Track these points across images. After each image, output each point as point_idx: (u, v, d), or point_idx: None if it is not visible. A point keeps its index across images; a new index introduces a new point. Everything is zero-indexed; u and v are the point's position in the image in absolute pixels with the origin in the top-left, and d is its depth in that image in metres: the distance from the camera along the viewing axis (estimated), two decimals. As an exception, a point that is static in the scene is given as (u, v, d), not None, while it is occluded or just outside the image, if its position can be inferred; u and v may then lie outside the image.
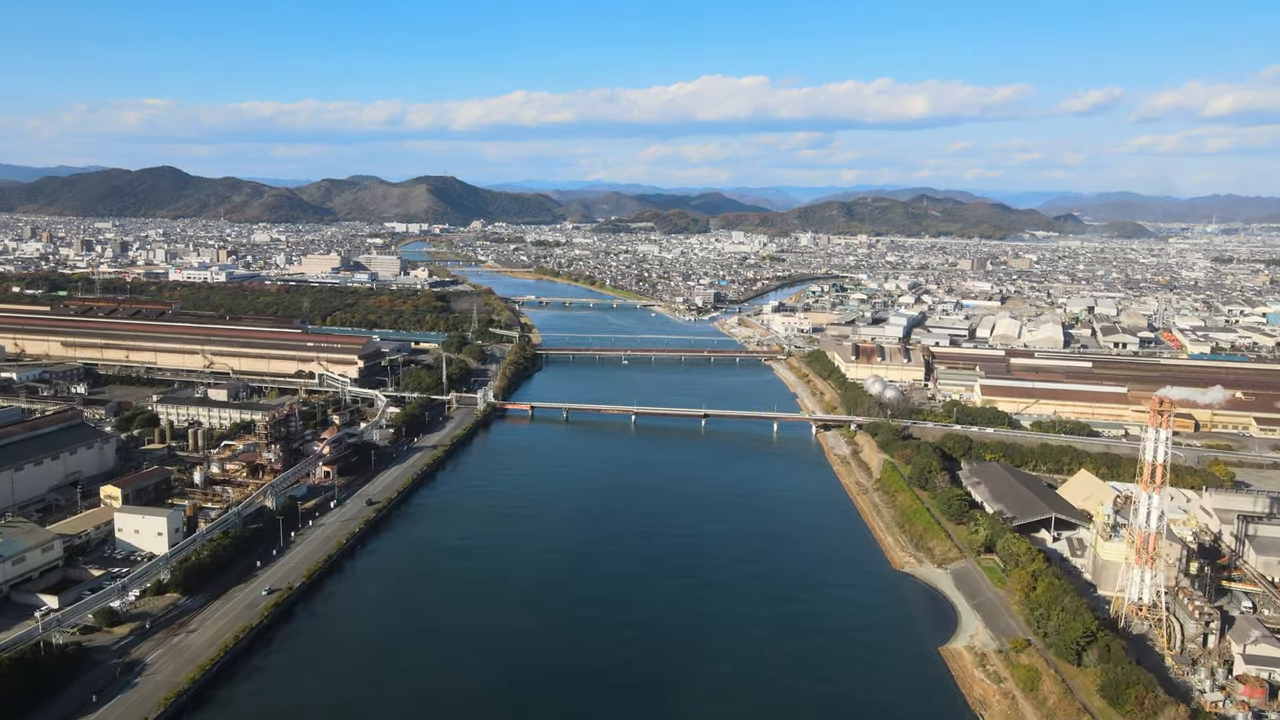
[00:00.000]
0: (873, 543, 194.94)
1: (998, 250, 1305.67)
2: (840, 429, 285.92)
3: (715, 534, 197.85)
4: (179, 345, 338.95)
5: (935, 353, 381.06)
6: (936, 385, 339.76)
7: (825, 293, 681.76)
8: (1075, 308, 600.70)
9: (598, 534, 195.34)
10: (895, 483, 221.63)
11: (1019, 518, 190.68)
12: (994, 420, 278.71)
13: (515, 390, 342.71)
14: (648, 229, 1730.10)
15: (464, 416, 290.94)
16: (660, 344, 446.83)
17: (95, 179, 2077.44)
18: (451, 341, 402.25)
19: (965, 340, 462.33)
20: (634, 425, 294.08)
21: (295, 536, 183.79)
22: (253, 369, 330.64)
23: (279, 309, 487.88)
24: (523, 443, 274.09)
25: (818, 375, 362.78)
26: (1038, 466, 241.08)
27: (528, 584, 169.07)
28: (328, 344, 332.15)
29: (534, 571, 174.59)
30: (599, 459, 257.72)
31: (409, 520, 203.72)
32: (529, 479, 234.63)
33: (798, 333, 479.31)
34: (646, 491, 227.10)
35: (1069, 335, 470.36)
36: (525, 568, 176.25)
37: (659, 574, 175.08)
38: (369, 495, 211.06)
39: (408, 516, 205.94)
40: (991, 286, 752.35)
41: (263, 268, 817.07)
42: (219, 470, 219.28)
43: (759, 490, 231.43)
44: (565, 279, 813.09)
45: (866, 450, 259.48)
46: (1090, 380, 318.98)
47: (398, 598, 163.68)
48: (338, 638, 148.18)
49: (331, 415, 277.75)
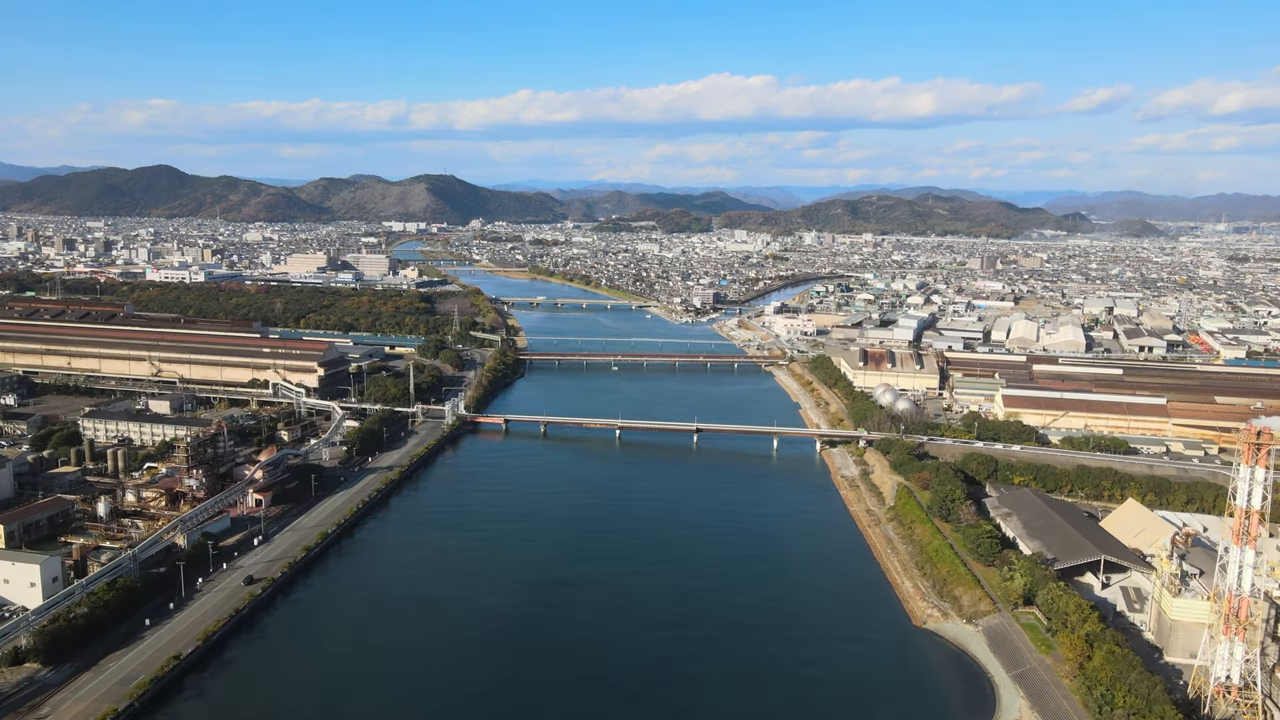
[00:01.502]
0: (887, 588, 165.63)
1: (1006, 249, 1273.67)
2: (848, 445, 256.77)
3: (704, 578, 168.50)
4: (124, 351, 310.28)
5: (950, 358, 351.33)
6: (953, 394, 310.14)
7: (830, 293, 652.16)
8: (1093, 308, 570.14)
9: (565, 580, 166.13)
10: (912, 512, 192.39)
11: (1061, 560, 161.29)
12: (1019, 436, 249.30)
13: (492, 400, 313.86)
14: (649, 228, 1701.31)
15: (429, 431, 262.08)
16: (654, 348, 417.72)
17: (91, 178, 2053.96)
18: (428, 346, 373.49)
19: (980, 344, 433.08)
20: (619, 441, 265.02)
21: (203, 584, 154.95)
22: (204, 377, 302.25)
23: (250, 310, 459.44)
24: (492, 462, 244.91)
25: (822, 383, 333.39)
26: (1074, 491, 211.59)
27: (475, 647, 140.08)
28: (285, 350, 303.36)
29: (484, 631, 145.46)
30: (576, 482, 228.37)
31: (346, 560, 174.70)
32: (493, 508, 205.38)
33: (801, 335, 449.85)
34: (627, 525, 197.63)
35: (1090, 338, 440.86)
36: (474, 626, 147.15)
37: (636, 633, 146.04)
38: (305, 528, 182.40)
39: (345, 555, 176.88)
40: (1003, 286, 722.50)
41: (248, 267, 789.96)
42: (134, 499, 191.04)
43: (755, 521, 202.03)
44: (559, 279, 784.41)
45: (878, 471, 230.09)
46: (1122, 389, 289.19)
47: (315, 665, 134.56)
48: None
49: (280, 430, 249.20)
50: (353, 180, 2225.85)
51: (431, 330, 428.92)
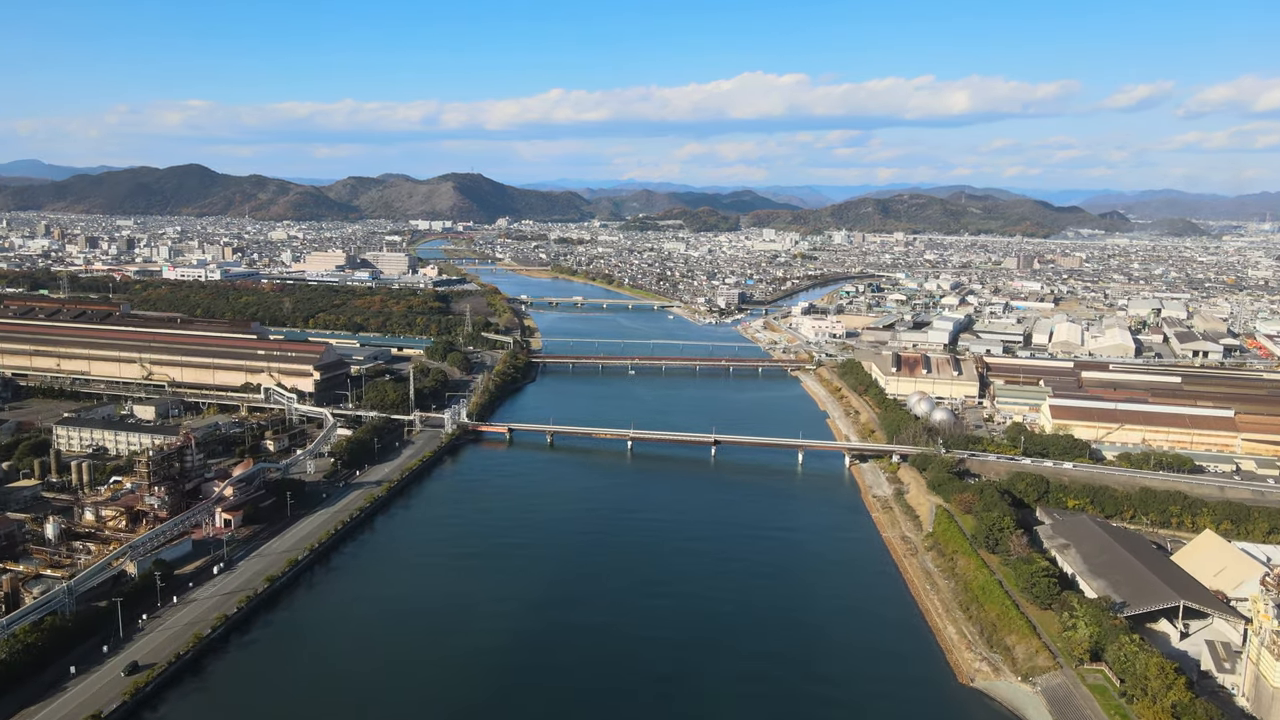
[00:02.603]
0: (927, 634, 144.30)
1: (1043, 248, 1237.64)
2: (880, 460, 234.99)
3: (714, 616, 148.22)
4: (114, 353, 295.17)
5: (990, 363, 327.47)
6: (994, 404, 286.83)
7: (860, 293, 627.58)
8: (1139, 310, 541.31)
9: (557, 624, 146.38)
10: (954, 541, 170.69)
11: (1132, 604, 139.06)
12: (1070, 451, 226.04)
13: (499, 406, 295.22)
14: (676, 227, 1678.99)
15: (427, 441, 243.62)
16: (674, 351, 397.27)
17: (123, 177, 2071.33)
18: (436, 348, 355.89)
19: (1020, 347, 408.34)
20: (630, 452, 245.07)
21: (147, 621, 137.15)
22: (197, 380, 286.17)
23: (259, 310, 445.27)
24: (491, 477, 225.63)
25: (852, 389, 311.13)
26: (1137, 518, 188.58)
27: (446, 706, 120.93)
28: (280, 352, 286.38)
29: (460, 688, 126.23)
30: (581, 499, 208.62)
31: (315, 592, 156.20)
32: (486, 532, 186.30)
33: (829, 338, 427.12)
34: (633, 551, 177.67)
35: (1138, 342, 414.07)
36: (448, 680, 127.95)
37: (633, 687, 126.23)
38: (274, 553, 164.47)
39: (315, 586, 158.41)
40: (1041, 286, 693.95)
41: (267, 265, 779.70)
42: (93, 518, 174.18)
43: (776, 547, 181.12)
44: (582, 278, 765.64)
45: (913, 490, 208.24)
46: (1182, 399, 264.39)
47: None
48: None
49: (266, 440, 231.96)
50: (381, 179, 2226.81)
51: (444, 331, 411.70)
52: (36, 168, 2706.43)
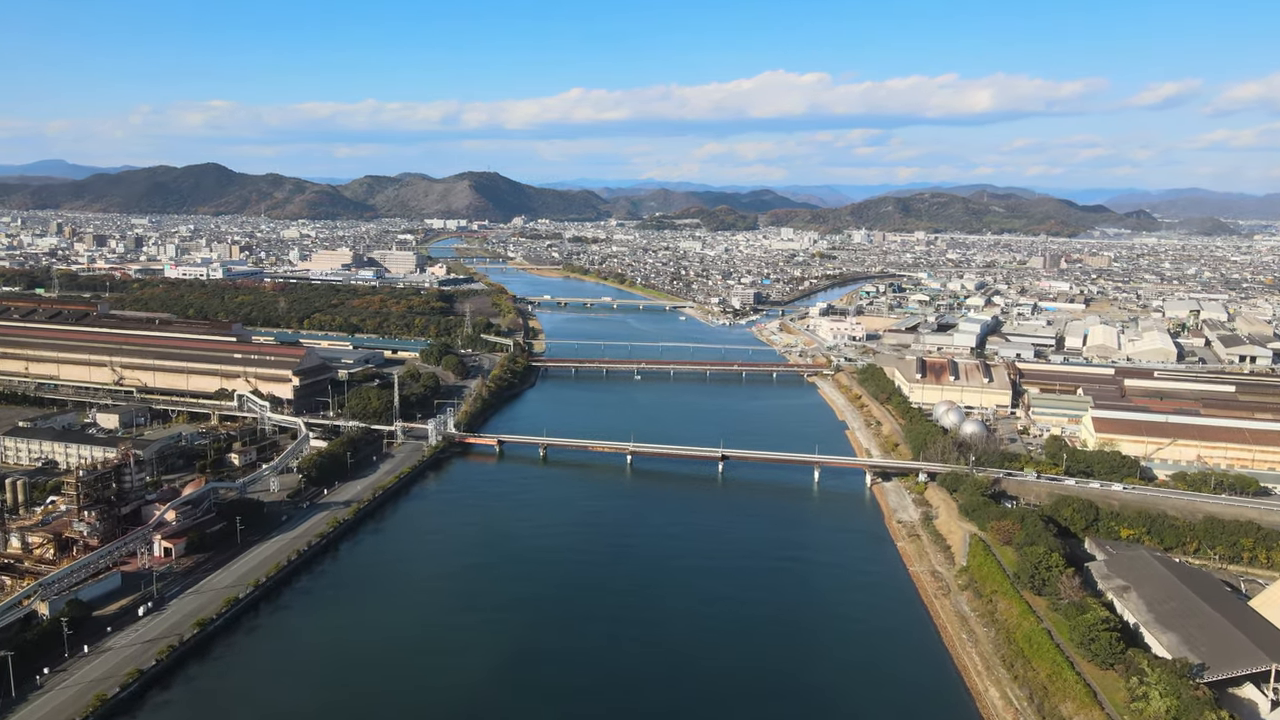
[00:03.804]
0: (964, 695, 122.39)
1: (1068, 247, 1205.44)
2: (905, 478, 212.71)
3: (714, 680, 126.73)
4: (84, 356, 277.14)
5: (1023, 369, 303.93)
6: (1029, 414, 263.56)
7: (881, 293, 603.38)
8: (1176, 311, 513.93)
9: (529, 686, 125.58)
10: (992, 578, 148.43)
11: (1212, 666, 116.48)
12: (1118, 469, 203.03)
13: (493, 415, 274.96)
14: (693, 226, 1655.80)
15: (408, 454, 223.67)
16: (683, 354, 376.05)
17: (140, 176, 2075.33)
18: (431, 351, 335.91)
19: (1052, 351, 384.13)
20: (630, 468, 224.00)
21: (47, 677, 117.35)
22: (170, 386, 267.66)
23: (253, 310, 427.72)
24: (476, 494, 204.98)
25: (873, 397, 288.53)
26: (1202, 550, 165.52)
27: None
28: (258, 356, 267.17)
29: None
30: (572, 525, 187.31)
31: (256, 636, 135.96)
32: (463, 559, 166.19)
33: (849, 341, 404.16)
34: (623, 589, 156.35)
35: (1179, 346, 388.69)
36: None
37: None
38: (215, 588, 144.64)
39: (257, 629, 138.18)
40: (1070, 286, 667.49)
41: (274, 264, 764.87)
42: (19, 545, 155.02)
43: (788, 585, 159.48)
44: (594, 277, 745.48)
45: (944, 515, 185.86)
46: (1238, 411, 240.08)
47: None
48: None
49: (232, 453, 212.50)
50: (398, 179, 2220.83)
51: (443, 332, 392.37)
52: (60, 167, 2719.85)
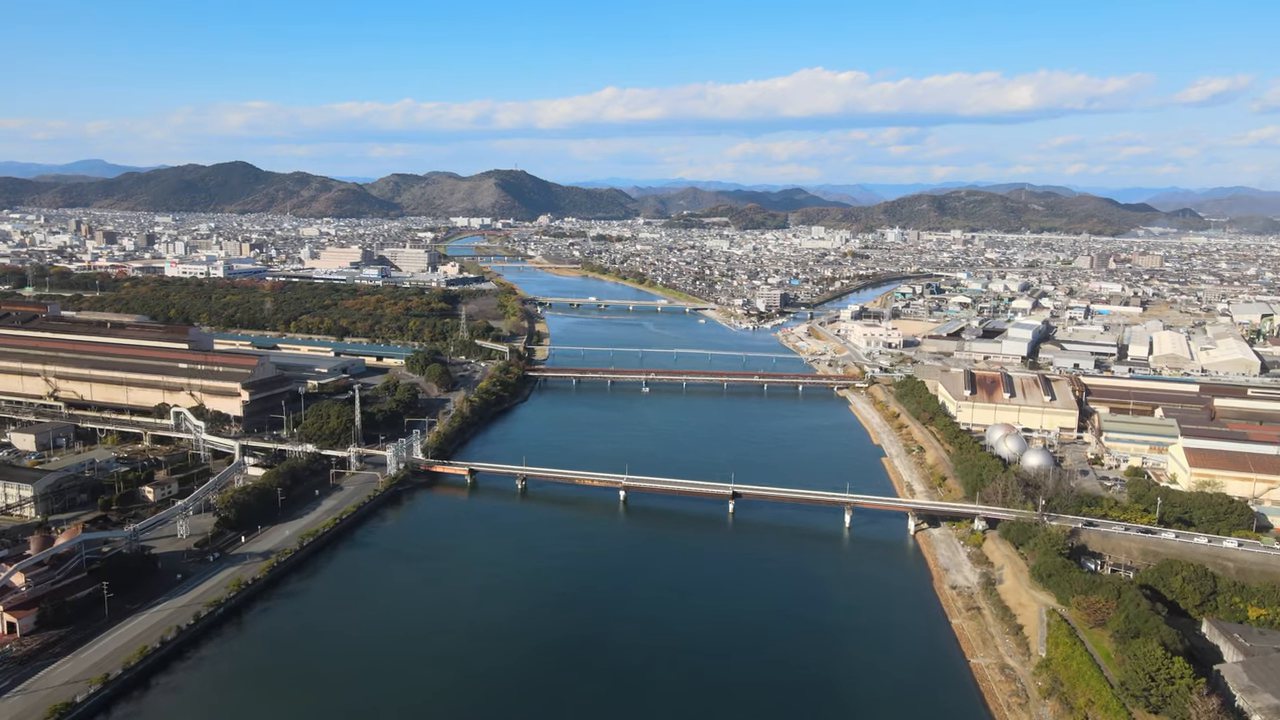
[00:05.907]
0: None
1: (1113, 247, 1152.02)
2: (957, 524, 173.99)
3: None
4: (16, 364, 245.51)
5: (1089, 385, 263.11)
6: (1100, 440, 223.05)
7: (918, 295, 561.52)
8: (1246, 316, 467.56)
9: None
10: (1085, 683, 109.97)
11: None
12: (1223, 516, 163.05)
13: (474, 436, 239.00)
14: (721, 224, 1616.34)
15: (360, 487, 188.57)
16: (699, 363, 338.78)
17: (169, 175, 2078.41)
18: (417, 359, 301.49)
19: (1114, 360, 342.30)
20: (623, 505, 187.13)
21: None
22: (108, 399, 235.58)
23: (237, 311, 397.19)
24: (432, 543, 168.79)
25: (914, 417, 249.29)
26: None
27: None
28: (205, 366, 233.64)
29: None
30: (548, 580, 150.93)
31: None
32: (406, 629, 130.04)
33: (884, 348, 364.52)
34: (600, 675, 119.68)
35: (1260, 356, 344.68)
36: None
37: None
38: (55, 684, 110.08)
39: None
40: (1123, 288, 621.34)
41: (284, 262, 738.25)
42: None
43: (803, 684, 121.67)
44: (613, 277, 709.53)
45: (1010, 580, 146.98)
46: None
47: None
48: None
49: (151, 484, 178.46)
50: (425, 177, 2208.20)
51: (437, 336, 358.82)
52: (98, 167, 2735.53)
